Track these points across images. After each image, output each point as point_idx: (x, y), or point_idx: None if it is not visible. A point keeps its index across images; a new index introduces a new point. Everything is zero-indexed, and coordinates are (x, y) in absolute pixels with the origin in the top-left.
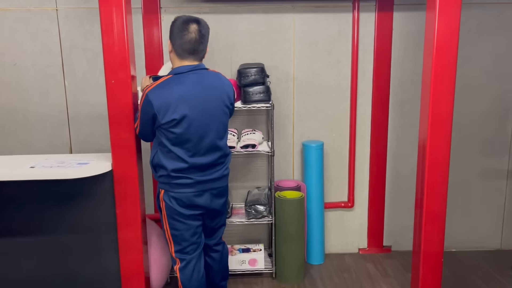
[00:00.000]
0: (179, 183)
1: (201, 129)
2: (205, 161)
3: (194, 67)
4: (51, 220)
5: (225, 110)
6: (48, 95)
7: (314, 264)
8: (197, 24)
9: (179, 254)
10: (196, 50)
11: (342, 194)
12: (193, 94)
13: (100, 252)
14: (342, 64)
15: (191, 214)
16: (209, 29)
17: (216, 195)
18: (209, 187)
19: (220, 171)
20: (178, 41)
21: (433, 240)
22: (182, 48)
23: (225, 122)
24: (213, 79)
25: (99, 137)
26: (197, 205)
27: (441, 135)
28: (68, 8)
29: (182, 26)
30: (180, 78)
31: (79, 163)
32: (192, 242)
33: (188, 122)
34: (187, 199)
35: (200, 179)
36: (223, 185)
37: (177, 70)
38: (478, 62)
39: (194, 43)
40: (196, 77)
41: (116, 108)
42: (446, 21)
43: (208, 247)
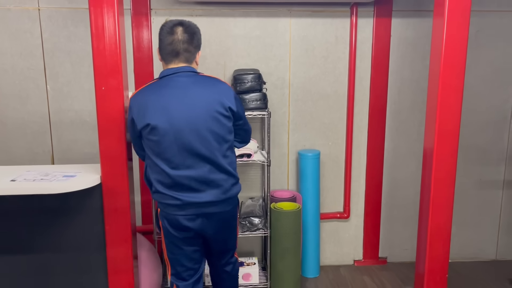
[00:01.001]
0: (168, 203)
1: (183, 138)
2: (192, 175)
3: (178, 69)
4: (33, 238)
5: (218, 117)
6: (29, 100)
7: (309, 277)
8: (181, 25)
9: (175, 278)
10: (178, 52)
11: (338, 204)
12: (174, 97)
13: (86, 272)
14: (339, 71)
15: (185, 237)
16: (197, 30)
17: (215, 221)
18: (202, 211)
19: (216, 194)
20: (162, 46)
21: (438, 255)
22: (165, 52)
23: (219, 131)
24: (202, 83)
25: (84, 145)
26: (190, 229)
27: (448, 146)
28: (51, 8)
29: (166, 31)
30: (163, 81)
31: (65, 175)
32: (188, 267)
33: (166, 128)
34: (177, 221)
35: (190, 201)
36: (225, 209)
37: (161, 74)
38: (476, 71)
39: (177, 44)
40: (181, 80)
41: (106, 117)
42: (455, 28)
43: (213, 265)
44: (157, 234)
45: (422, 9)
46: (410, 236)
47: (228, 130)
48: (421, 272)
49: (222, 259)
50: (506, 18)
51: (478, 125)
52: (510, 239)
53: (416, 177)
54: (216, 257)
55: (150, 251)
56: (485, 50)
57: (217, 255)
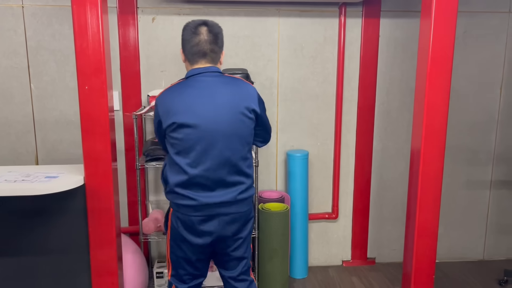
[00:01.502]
0: (183, 204)
1: (208, 138)
2: (211, 175)
3: (205, 69)
4: (15, 240)
5: (242, 119)
6: (12, 99)
7: (298, 278)
8: (206, 25)
9: (175, 279)
10: (206, 53)
11: (326, 205)
12: (201, 97)
13: (70, 274)
14: (328, 71)
15: (196, 244)
16: (221, 29)
17: (229, 222)
18: (217, 212)
19: (232, 194)
20: (188, 46)
21: (425, 254)
22: (192, 52)
23: (242, 133)
24: (228, 84)
25: (69, 145)
26: (204, 232)
27: (435, 146)
28: (35, 6)
29: (191, 31)
30: (190, 81)
31: (47, 176)
32: (189, 272)
33: (190, 126)
34: (192, 223)
35: (205, 201)
36: (240, 210)
37: (188, 74)
38: (464, 71)
39: (204, 44)
40: (207, 80)
41: (89, 117)
42: (442, 28)
43: (227, 281)
44: (143, 235)
45: (411, 10)
46: (399, 236)
47: (250, 132)
48: (408, 272)
49: (236, 269)
50: (493, 19)
51: (466, 125)
52: (497, 239)
53: (404, 177)
54: (229, 266)
55: (135, 252)
56: (473, 50)
57: (230, 264)
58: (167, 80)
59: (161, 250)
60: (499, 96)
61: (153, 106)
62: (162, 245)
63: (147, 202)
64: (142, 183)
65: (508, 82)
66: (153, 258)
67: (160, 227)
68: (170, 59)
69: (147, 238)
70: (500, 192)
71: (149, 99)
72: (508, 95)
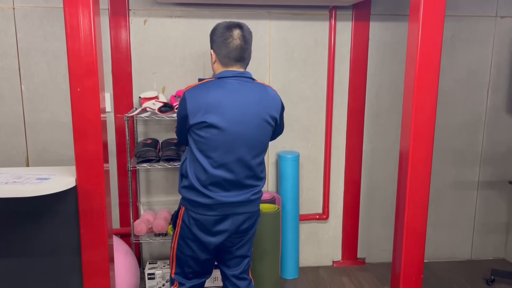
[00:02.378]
0: (199, 201)
1: (232, 140)
2: (230, 177)
3: (238, 74)
4: (6, 242)
5: (265, 126)
6: (2, 101)
7: (288, 279)
8: (240, 29)
9: (179, 277)
10: (242, 57)
11: (317, 206)
12: (231, 101)
13: (61, 276)
14: (318, 74)
15: (208, 243)
16: (251, 34)
17: (242, 221)
18: (233, 211)
19: (247, 195)
20: (224, 50)
21: (413, 254)
22: (229, 57)
23: (263, 139)
24: (257, 90)
25: (60, 146)
26: (218, 231)
27: (423, 148)
28: (26, 7)
29: (225, 33)
30: (221, 82)
31: (38, 178)
32: (195, 270)
33: (218, 128)
34: (207, 223)
35: (222, 200)
36: (251, 210)
37: (221, 75)
38: (452, 74)
39: (240, 50)
40: (238, 84)
41: (81, 119)
42: (429, 32)
43: (228, 278)
44: (134, 237)
45: (400, 14)
46: (388, 236)
47: (269, 138)
48: (397, 272)
49: (238, 267)
50: (480, 23)
51: (454, 127)
52: (484, 239)
53: (394, 178)
54: (232, 264)
55: (127, 254)
56: (460, 54)
57: (234, 261)
58: (159, 82)
59: (153, 251)
60: (486, 98)
61: (145, 108)
62: (153, 246)
63: (139, 204)
64: (133, 185)
65: (495, 84)
66: (144, 260)
67: (152, 228)
68: (162, 61)
69: (138, 240)
70: (487, 193)
71: (141, 101)
72: (495, 97)
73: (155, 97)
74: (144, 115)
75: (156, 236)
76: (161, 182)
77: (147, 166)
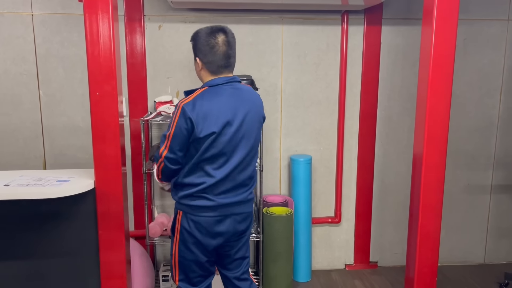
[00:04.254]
0: (200, 205)
1: (236, 145)
2: (231, 179)
3: (230, 79)
4: (26, 243)
5: (259, 127)
6: (21, 105)
7: (301, 282)
8: (224, 33)
9: (184, 284)
10: (230, 63)
11: (329, 209)
12: (231, 107)
13: (79, 277)
14: (330, 78)
15: (208, 245)
16: (234, 37)
17: (240, 222)
18: (231, 211)
19: (244, 194)
20: (210, 57)
21: (427, 258)
22: (217, 65)
23: (258, 139)
24: (248, 93)
25: (76, 150)
26: (218, 233)
27: (437, 151)
28: (44, 14)
29: (209, 40)
30: (216, 90)
31: (58, 180)
32: (200, 274)
33: (226, 135)
34: (208, 224)
35: (223, 202)
36: (247, 211)
37: (214, 82)
38: (464, 78)
39: (227, 57)
40: (232, 90)
41: (100, 122)
42: (443, 35)
43: (229, 280)
44: (149, 239)
45: (412, 17)
46: (401, 240)
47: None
48: (411, 276)
49: (239, 269)
50: (492, 27)
51: (467, 131)
52: (498, 243)
53: (406, 181)
54: (233, 266)
55: (142, 256)
56: (473, 57)
57: (234, 264)
58: (173, 87)
59: (167, 253)
60: (498, 102)
61: (160, 112)
62: (167, 249)
63: (153, 207)
64: (148, 188)
65: (507, 88)
66: (158, 262)
67: (166, 231)
68: (176, 66)
69: (153, 242)
70: (500, 196)
71: (156, 105)
72: (507, 101)
73: (170, 101)
74: (159, 118)
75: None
76: None
77: None
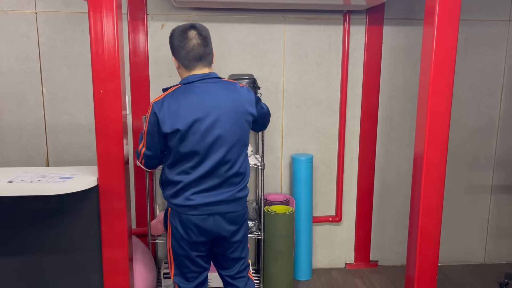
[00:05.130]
0: (181, 204)
1: (211, 142)
2: (212, 177)
3: (204, 76)
4: (29, 239)
5: (242, 123)
6: (24, 103)
7: (302, 280)
8: (194, 28)
9: (178, 278)
10: (202, 56)
11: (330, 208)
12: (203, 104)
13: (82, 273)
14: (332, 77)
15: (194, 241)
16: (208, 31)
17: (228, 221)
18: (216, 210)
19: (229, 193)
20: (182, 52)
21: (428, 258)
22: (188, 58)
23: (241, 135)
24: (227, 89)
25: (79, 148)
26: (203, 230)
27: (438, 151)
28: (48, 12)
29: (180, 36)
30: (189, 87)
31: (62, 177)
32: (192, 270)
33: (196, 133)
34: (191, 222)
35: (203, 201)
36: (236, 210)
37: (186, 80)
38: (465, 78)
39: (198, 49)
40: (207, 86)
41: (104, 120)
42: (444, 36)
43: (225, 279)
44: (151, 237)
45: (413, 18)
46: (401, 239)
47: (248, 135)
48: (411, 275)
49: (233, 268)
50: (493, 27)
51: (467, 131)
52: (498, 243)
53: (407, 181)
54: (227, 265)
55: (144, 253)
56: (474, 58)
57: (228, 263)
58: None
59: None
60: (499, 102)
61: None
62: None
63: (155, 204)
64: (150, 186)
65: (508, 88)
66: (160, 259)
67: None
68: None
69: (155, 239)
70: (501, 197)
71: None
72: (508, 101)
73: None
74: None
75: None
76: None
77: None
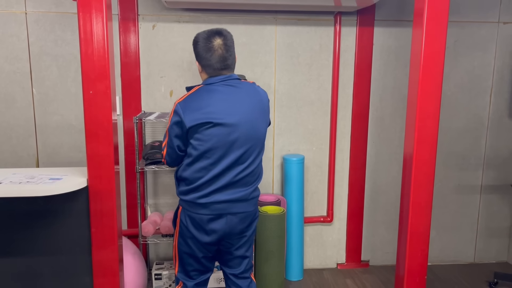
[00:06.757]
0: (194, 202)
1: (231, 141)
2: (228, 176)
3: (225, 78)
4: (18, 241)
5: (261, 123)
6: (14, 104)
7: (293, 281)
8: (220, 37)
9: (182, 275)
10: (226, 65)
11: (321, 208)
12: (225, 104)
13: (72, 275)
14: (323, 78)
15: (204, 242)
16: (232, 37)
17: (239, 221)
18: (227, 210)
19: (243, 192)
20: (207, 61)
21: (417, 257)
22: (213, 68)
23: (261, 136)
24: (248, 90)
25: (69, 149)
26: (212, 230)
27: (427, 151)
28: (38, 12)
29: (206, 45)
30: (212, 87)
31: (51, 178)
32: (196, 268)
33: (217, 131)
34: (202, 221)
35: (215, 199)
36: (248, 210)
37: (208, 81)
38: (455, 79)
39: (223, 59)
40: (227, 88)
41: (93, 121)
42: (433, 37)
43: (228, 278)
44: (142, 237)
45: (404, 19)
46: (392, 239)
47: (265, 134)
48: (401, 275)
49: (239, 267)
50: (483, 29)
51: (457, 132)
52: (487, 243)
53: (397, 181)
54: (232, 264)
55: (135, 254)
56: (464, 59)
57: (233, 262)
58: (167, 86)
59: (159, 252)
60: (488, 103)
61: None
62: (160, 247)
63: (146, 205)
64: (141, 186)
65: (497, 89)
66: (151, 260)
67: (159, 229)
68: (170, 65)
69: (146, 241)
70: (490, 197)
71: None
72: (497, 102)
73: None
74: (153, 117)
75: (163, 237)
76: (168, 183)
77: (154, 168)
